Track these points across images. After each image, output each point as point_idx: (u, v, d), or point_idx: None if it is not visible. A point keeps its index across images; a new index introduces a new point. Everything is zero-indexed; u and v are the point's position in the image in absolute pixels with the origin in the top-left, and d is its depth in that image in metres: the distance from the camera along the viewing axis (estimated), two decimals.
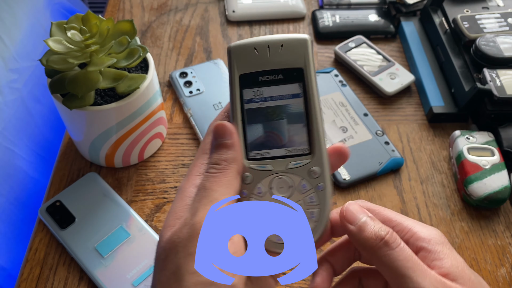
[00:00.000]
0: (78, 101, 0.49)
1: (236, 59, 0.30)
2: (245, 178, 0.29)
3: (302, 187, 0.29)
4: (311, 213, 0.29)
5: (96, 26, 0.48)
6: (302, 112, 0.30)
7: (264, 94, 0.30)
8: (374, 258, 0.29)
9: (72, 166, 0.59)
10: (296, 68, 0.30)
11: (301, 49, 0.31)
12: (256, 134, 0.30)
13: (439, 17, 0.71)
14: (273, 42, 0.30)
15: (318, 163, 0.29)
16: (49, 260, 0.51)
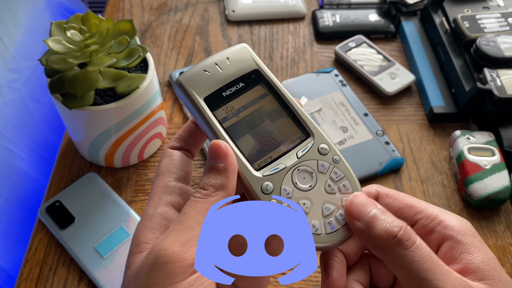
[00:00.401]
0: (77, 101, 0.49)
1: (191, 87, 0.30)
2: (265, 188, 0.28)
3: (322, 167, 0.29)
4: (344, 186, 0.29)
5: (96, 26, 0.48)
6: (278, 107, 0.30)
7: (235, 107, 0.30)
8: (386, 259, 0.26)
9: (71, 166, 0.59)
10: (252, 71, 0.31)
11: (246, 54, 0.31)
12: (249, 146, 0.29)
13: (440, 17, 0.71)
14: (218, 58, 0.31)
15: (322, 140, 0.30)
16: (48, 260, 0.51)
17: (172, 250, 0.23)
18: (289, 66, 0.72)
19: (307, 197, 0.28)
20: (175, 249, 0.23)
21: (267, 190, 0.28)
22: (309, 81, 0.68)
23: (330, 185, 0.29)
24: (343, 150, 0.59)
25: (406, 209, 0.28)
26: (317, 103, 0.65)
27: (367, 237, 0.26)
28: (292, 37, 0.77)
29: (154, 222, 0.26)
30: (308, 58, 0.73)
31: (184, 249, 0.23)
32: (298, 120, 0.30)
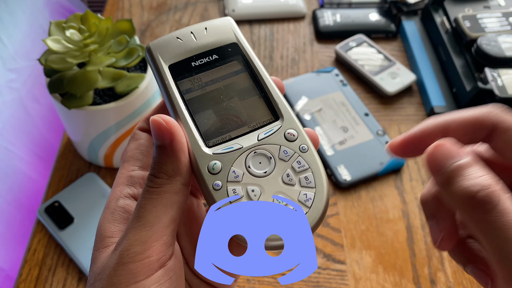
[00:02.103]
0: (77, 100, 0.48)
1: (159, 52, 0.27)
2: (212, 168, 0.24)
3: (284, 153, 0.25)
4: (305, 178, 0.25)
5: (95, 25, 0.48)
6: (251, 85, 0.28)
7: (203, 80, 0.27)
8: (466, 221, 0.22)
9: (70, 166, 0.59)
10: (229, 44, 0.28)
11: (228, 27, 0.28)
12: (208, 121, 0.26)
13: (440, 16, 0.71)
14: (196, 27, 0.28)
15: (292, 125, 0.26)
16: (47, 260, 0.51)
17: (133, 250, 0.23)
18: (289, 65, 0.72)
19: (257, 184, 0.25)
20: (136, 248, 0.23)
21: (214, 170, 0.24)
22: (309, 81, 0.67)
23: (289, 175, 0.25)
24: (343, 150, 0.59)
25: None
26: (317, 103, 0.65)
27: (445, 193, 0.22)
28: (292, 36, 0.77)
29: (116, 216, 0.25)
30: (309, 57, 0.73)
31: (145, 247, 0.23)
32: (270, 101, 0.27)
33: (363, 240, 0.53)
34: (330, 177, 0.58)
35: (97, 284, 0.23)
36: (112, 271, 0.23)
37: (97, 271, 0.24)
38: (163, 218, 0.23)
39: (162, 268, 0.23)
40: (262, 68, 0.28)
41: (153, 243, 0.23)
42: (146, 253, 0.23)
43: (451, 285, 0.49)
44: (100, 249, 0.25)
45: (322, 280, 0.50)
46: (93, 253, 0.25)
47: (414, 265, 0.51)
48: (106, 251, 0.24)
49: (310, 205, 0.24)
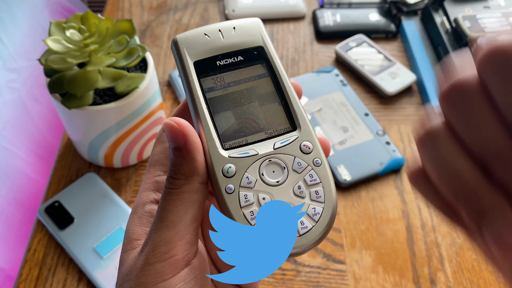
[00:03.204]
0: (77, 100, 0.49)
1: (186, 47, 0.27)
2: (226, 171, 0.24)
3: (298, 165, 0.25)
4: (316, 193, 0.25)
5: (95, 25, 0.48)
6: (273, 91, 0.27)
7: (226, 80, 0.27)
8: None
9: (71, 166, 0.59)
10: (256, 47, 0.28)
11: (256, 29, 0.28)
12: (227, 123, 0.26)
13: (440, 16, 0.71)
14: (224, 25, 0.28)
15: (308, 137, 0.26)
16: (48, 260, 0.51)
17: (158, 250, 0.23)
18: (289, 65, 0.72)
19: (269, 192, 0.25)
20: (161, 248, 0.23)
21: (228, 173, 0.24)
22: (309, 81, 0.68)
23: (300, 187, 0.25)
24: (343, 150, 0.59)
25: None
26: (317, 103, 0.65)
27: None
28: (292, 36, 0.77)
29: (144, 220, 0.26)
30: (309, 57, 0.73)
31: (169, 247, 0.23)
32: (289, 110, 0.27)
33: (363, 240, 0.53)
34: None
35: (125, 285, 0.24)
36: (139, 271, 0.23)
37: (125, 272, 0.24)
38: (185, 217, 0.24)
39: (188, 267, 0.24)
40: (285, 75, 0.28)
41: (177, 242, 0.23)
42: (171, 252, 0.23)
43: (451, 285, 0.49)
44: (127, 251, 0.25)
45: (322, 280, 0.50)
46: (121, 256, 0.26)
47: (414, 265, 0.51)
48: (133, 253, 0.25)
49: (317, 220, 0.24)
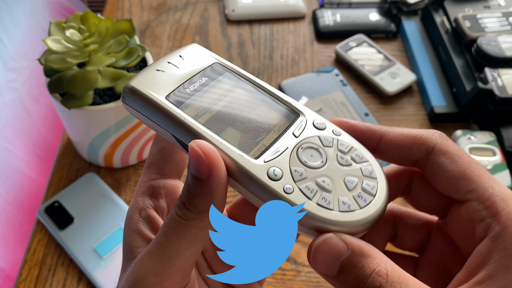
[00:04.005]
0: (76, 100, 0.48)
1: (147, 87, 0.25)
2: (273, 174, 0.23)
3: (326, 140, 0.25)
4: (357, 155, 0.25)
5: (95, 25, 0.48)
6: (254, 94, 0.27)
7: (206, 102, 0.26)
8: None
9: (70, 166, 0.59)
10: (211, 64, 0.28)
11: (200, 51, 0.28)
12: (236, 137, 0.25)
13: (440, 16, 0.71)
14: (170, 57, 0.27)
15: (314, 117, 0.26)
16: (47, 261, 0.51)
17: (148, 280, 0.22)
18: (289, 65, 0.72)
19: (324, 174, 0.24)
20: (151, 279, 0.22)
21: (276, 176, 0.23)
22: (309, 81, 0.67)
23: (342, 157, 0.25)
24: None
25: (460, 181, 0.23)
26: (317, 103, 0.65)
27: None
28: (292, 36, 0.76)
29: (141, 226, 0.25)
30: (309, 57, 0.73)
31: (160, 279, 0.22)
32: (281, 103, 0.27)
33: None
34: None
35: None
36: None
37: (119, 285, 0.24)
38: (185, 252, 0.22)
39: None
40: (252, 76, 0.28)
41: (170, 276, 0.22)
42: (162, 285, 0.22)
43: None
44: (129, 261, 0.24)
45: (322, 280, 0.49)
46: (122, 264, 0.25)
47: None
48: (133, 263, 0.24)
49: (376, 176, 0.25)
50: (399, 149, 0.25)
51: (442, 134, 0.25)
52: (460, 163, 0.23)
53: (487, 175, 0.23)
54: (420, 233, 0.27)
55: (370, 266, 0.21)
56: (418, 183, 0.26)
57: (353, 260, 0.21)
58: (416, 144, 0.24)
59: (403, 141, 0.25)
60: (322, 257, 0.22)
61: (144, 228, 0.25)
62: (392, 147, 0.25)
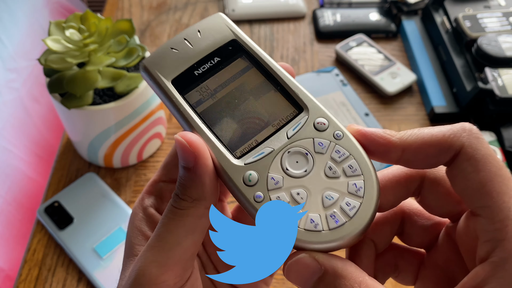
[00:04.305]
0: (76, 100, 0.48)
1: (157, 69, 0.25)
2: (248, 179, 0.23)
3: (320, 146, 0.23)
4: (349, 167, 0.23)
5: (95, 25, 0.47)
6: (264, 80, 0.26)
7: (211, 87, 0.25)
8: None
9: (70, 166, 0.59)
10: (228, 42, 0.26)
11: (221, 24, 0.27)
12: (229, 131, 0.24)
13: (441, 16, 0.70)
14: (188, 32, 0.26)
15: (319, 113, 0.24)
16: (47, 261, 0.51)
17: (149, 272, 0.22)
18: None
19: (301, 185, 0.23)
20: (152, 271, 0.22)
21: (250, 181, 0.23)
22: (309, 81, 0.67)
23: (331, 168, 0.23)
24: None
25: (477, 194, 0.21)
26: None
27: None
28: (292, 36, 0.76)
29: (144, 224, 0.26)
30: (309, 57, 0.73)
31: (161, 270, 0.22)
32: (288, 93, 0.25)
33: None
34: None
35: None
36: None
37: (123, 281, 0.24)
38: (184, 242, 0.23)
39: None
40: (271, 59, 0.26)
41: (170, 267, 0.22)
42: (163, 277, 0.22)
43: None
44: (130, 257, 0.25)
45: None
46: (124, 260, 0.25)
47: None
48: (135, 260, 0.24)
49: (362, 194, 0.22)
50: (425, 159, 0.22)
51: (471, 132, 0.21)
52: (484, 173, 0.21)
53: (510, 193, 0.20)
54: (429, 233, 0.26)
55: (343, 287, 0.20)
56: (430, 186, 0.24)
57: (326, 281, 0.21)
58: (442, 151, 0.22)
59: (428, 152, 0.22)
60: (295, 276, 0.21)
61: (145, 227, 0.26)
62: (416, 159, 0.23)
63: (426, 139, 0.22)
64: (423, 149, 0.22)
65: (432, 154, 0.22)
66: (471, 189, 0.21)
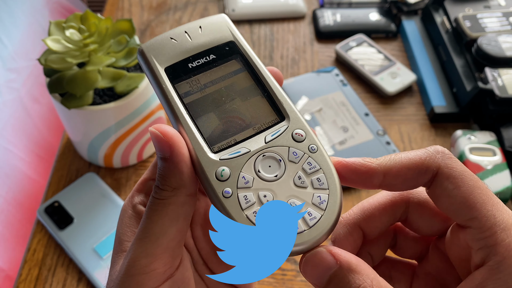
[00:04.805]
0: (76, 100, 0.48)
1: (153, 54, 0.26)
2: (220, 174, 0.23)
3: (294, 155, 0.24)
4: (317, 180, 0.24)
5: (95, 25, 0.47)
6: (253, 85, 0.27)
7: (202, 81, 0.26)
8: None
9: (70, 166, 0.59)
10: (226, 42, 0.27)
11: (223, 25, 0.28)
12: (211, 125, 0.25)
13: (441, 16, 0.70)
14: (190, 26, 0.27)
15: (299, 125, 0.25)
16: (47, 261, 0.51)
17: (139, 262, 0.23)
18: (289, 65, 0.72)
19: (269, 189, 0.24)
20: (141, 261, 0.23)
21: (222, 176, 0.23)
22: (309, 81, 0.67)
23: (300, 177, 0.24)
24: (344, 150, 0.59)
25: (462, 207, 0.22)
26: (317, 102, 0.65)
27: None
28: (292, 36, 0.76)
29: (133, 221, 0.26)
30: (309, 57, 0.73)
31: (150, 259, 0.23)
32: (274, 101, 0.26)
33: None
34: None
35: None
36: (120, 281, 0.23)
37: (113, 276, 0.24)
38: (169, 231, 0.23)
39: (169, 279, 0.24)
40: (262, 66, 0.27)
41: (159, 256, 0.23)
42: (152, 266, 0.23)
43: None
44: (118, 253, 0.25)
45: None
46: (112, 256, 0.26)
47: None
48: (123, 256, 0.25)
49: (324, 208, 0.24)
50: (404, 182, 0.24)
51: (444, 153, 0.23)
52: (463, 188, 0.22)
53: (490, 201, 0.22)
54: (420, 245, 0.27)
55: (356, 282, 0.21)
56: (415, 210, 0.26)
57: (340, 275, 0.21)
58: (421, 173, 0.23)
59: (407, 174, 0.24)
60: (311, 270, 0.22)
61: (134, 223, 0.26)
62: (397, 182, 0.24)
63: (405, 163, 0.24)
64: (402, 172, 0.24)
65: (411, 176, 0.24)
66: (456, 204, 0.23)
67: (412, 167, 0.23)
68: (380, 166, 0.24)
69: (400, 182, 0.24)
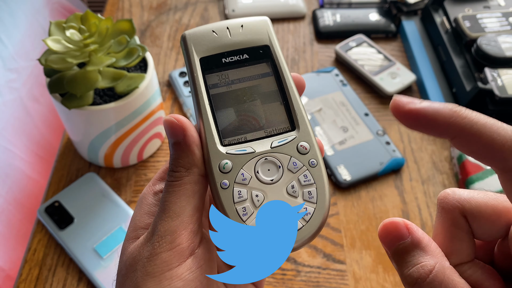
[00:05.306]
0: (77, 100, 0.49)
1: (193, 43, 0.28)
2: (223, 166, 0.25)
3: (293, 165, 0.26)
4: (308, 193, 0.25)
5: (95, 25, 0.48)
6: (275, 91, 0.28)
7: (231, 77, 0.28)
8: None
9: (71, 166, 0.59)
10: (261, 45, 0.29)
11: (263, 27, 0.29)
12: (227, 120, 0.27)
13: (440, 16, 0.71)
14: (232, 23, 0.29)
15: (306, 138, 0.27)
16: (48, 260, 0.51)
17: (165, 240, 0.24)
18: (289, 65, 0.72)
19: (262, 190, 0.25)
20: (166, 238, 0.24)
21: (224, 169, 0.25)
22: (309, 81, 0.67)
23: (293, 187, 0.25)
24: (343, 150, 0.59)
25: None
26: (317, 103, 0.65)
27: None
28: (292, 36, 0.77)
29: (152, 209, 0.27)
30: (309, 57, 0.73)
31: (174, 236, 0.24)
32: (289, 110, 0.28)
33: (363, 240, 0.53)
34: (330, 177, 0.58)
35: (131, 275, 0.24)
36: (146, 261, 0.24)
37: (128, 262, 0.25)
38: (187, 208, 0.25)
39: (192, 256, 0.25)
40: (288, 74, 0.28)
41: (182, 231, 0.24)
42: (177, 241, 0.24)
43: None
44: (130, 240, 0.26)
45: (322, 280, 0.50)
46: (124, 243, 0.26)
47: None
48: (135, 242, 0.25)
49: (308, 220, 0.25)
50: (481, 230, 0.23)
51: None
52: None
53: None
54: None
55: (419, 259, 0.22)
56: None
57: (408, 248, 0.22)
58: (496, 224, 0.22)
59: (484, 222, 0.22)
60: (385, 234, 0.23)
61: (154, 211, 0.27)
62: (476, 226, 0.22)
63: (494, 219, 0.22)
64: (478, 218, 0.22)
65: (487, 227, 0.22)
66: None
67: (488, 216, 0.22)
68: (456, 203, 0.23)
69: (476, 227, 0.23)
